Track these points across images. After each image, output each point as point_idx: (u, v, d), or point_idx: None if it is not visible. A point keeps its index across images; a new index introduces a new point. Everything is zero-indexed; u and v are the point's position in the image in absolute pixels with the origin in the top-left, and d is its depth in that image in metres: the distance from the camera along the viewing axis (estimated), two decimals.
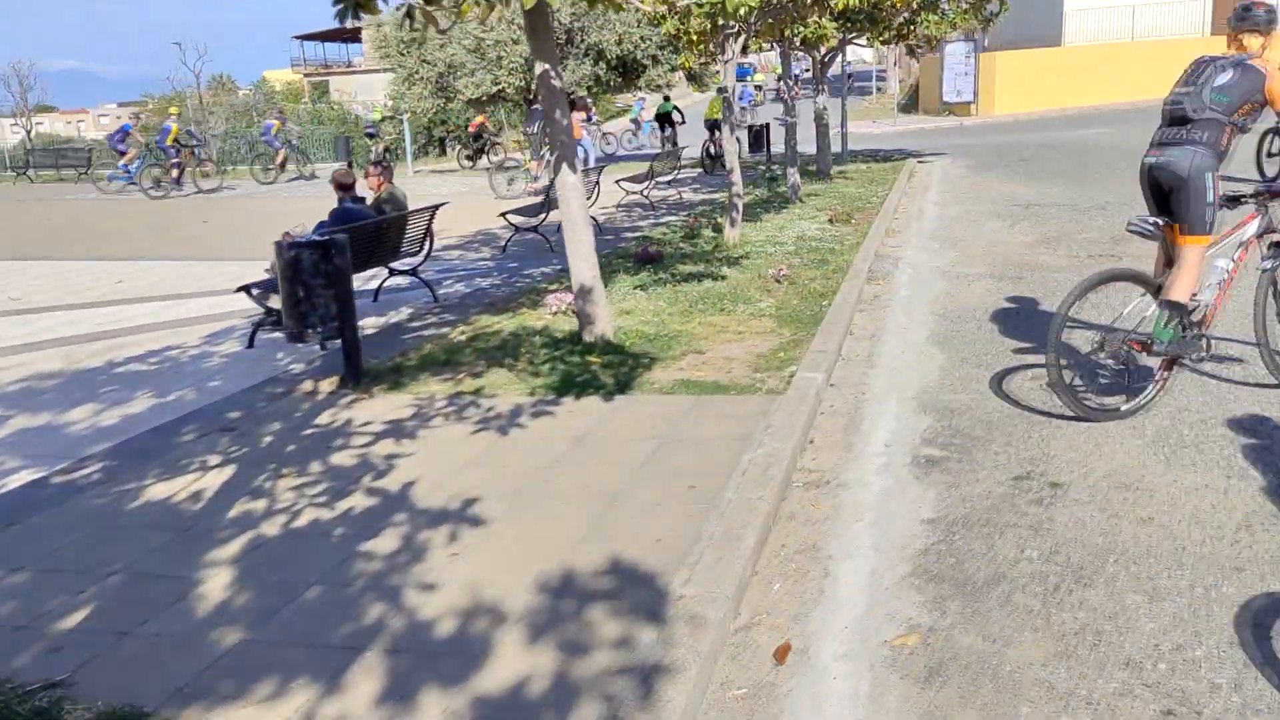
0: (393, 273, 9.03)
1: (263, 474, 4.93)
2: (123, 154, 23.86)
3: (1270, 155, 13.32)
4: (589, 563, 3.72)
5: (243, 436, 5.55)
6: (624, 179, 15.52)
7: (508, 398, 5.98)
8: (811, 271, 9.38)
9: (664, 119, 24.32)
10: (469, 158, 27.26)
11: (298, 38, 62.72)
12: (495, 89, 22.15)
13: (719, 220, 12.50)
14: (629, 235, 12.65)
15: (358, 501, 4.50)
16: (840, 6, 12.78)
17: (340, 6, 5.81)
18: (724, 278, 9.21)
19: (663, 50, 20.76)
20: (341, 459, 5.08)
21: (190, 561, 3.98)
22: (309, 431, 5.57)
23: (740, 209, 11.19)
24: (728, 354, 6.71)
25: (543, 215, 11.71)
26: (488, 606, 3.44)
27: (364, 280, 9.64)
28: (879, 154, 23.34)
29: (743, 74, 64.04)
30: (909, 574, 3.75)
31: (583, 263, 6.95)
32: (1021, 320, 7.46)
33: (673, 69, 22.61)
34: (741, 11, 9.72)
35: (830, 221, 12.62)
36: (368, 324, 8.36)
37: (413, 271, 9.04)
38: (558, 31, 21.79)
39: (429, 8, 6.06)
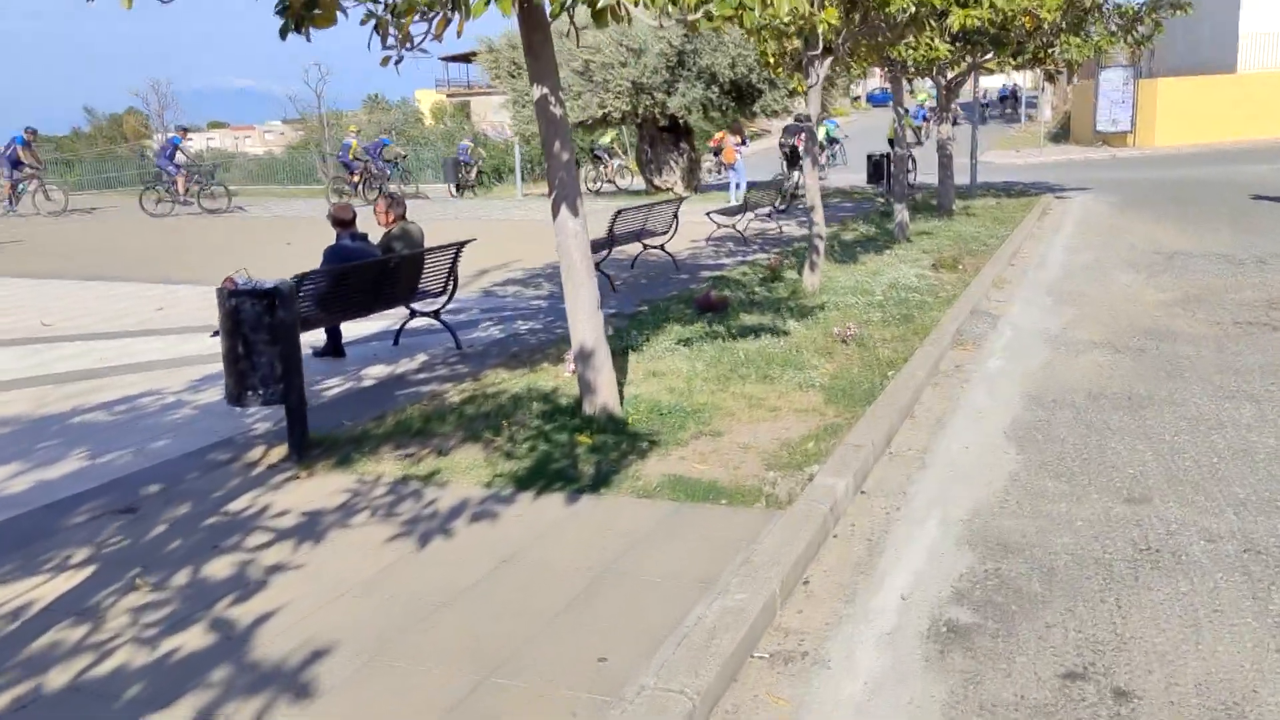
0: (414, 314, 8.14)
1: (116, 583, 4.01)
2: (171, 173, 23.75)
3: None
4: None
5: (137, 523, 4.67)
6: (716, 211, 14.37)
7: (459, 488, 4.93)
8: (888, 330, 8.04)
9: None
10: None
11: (444, 59, 63.93)
12: (601, 112, 21.32)
13: (815, 260, 11.21)
14: (706, 275, 11.50)
15: (189, 640, 3.52)
16: (957, 27, 11.43)
17: (284, 22, 4.95)
18: (786, 334, 7.97)
19: (791, 76, 19.48)
20: (217, 568, 4.12)
21: None
22: (211, 521, 4.65)
23: (821, 252, 9.91)
24: (749, 439, 5.51)
25: (604, 251, 10.69)
26: None
27: (394, 319, 8.82)
28: (1014, 188, 21.50)
29: (886, 99, 62.07)
30: None
31: (584, 322, 5.86)
32: (1130, 414, 5.99)
33: (790, 93, 21.33)
34: (821, 30, 8.52)
35: (934, 267, 11.18)
36: (370, 374, 7.48)
37: (435, 314, 8.12)
38: (669, 54, 20.85)
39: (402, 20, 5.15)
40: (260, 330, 5.26)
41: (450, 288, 8.13)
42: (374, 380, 7.29)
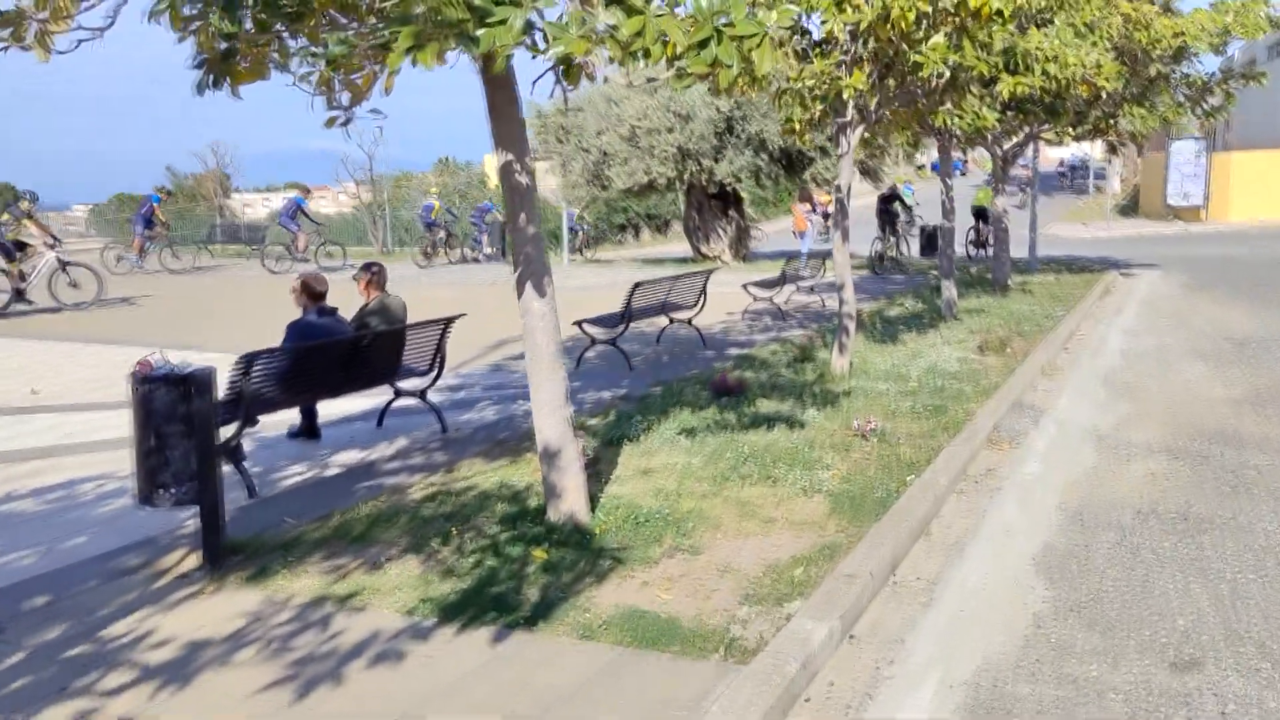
0: (399, 394, 7.53)
1: None
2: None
3: None
4: None
5: None
6: (753, 283, 13.66)
7: (376, 615, 4.23)
8: (917, 423, 7.23)
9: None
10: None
11: None
12: (647, 179, 20.86)
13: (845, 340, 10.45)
14: (733, 352, 10.77)
15: None
16: (1006, 95, 10.70)
17: (200, 78, 4.41)
18: (802, 425, 7.20)
19: (831, 141, 18.89)
20: None
21: None
22: (77, 651, 3.99)
23: (851, 332, 9.13)
24: (731, 558, 4.74)
25: (621, 326, 10.03)
26: None
27: (381, 396, 8.21)
28: (1077, 262, 20.50)
29: (954, 168, 61.16)
30: None
31: (549, 417, 5.17)
32: (1185, 540, 5.10)
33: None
34: (846, 95, 7.85)
35: (979, 349, 10.33)
36: (339, 460, 6.85)
37: (420, 395, 7.50)
38: (716, 120, 20.37)
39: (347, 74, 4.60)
40: (174, 421, 4.66)
41: (437, 366, 7.51)
42: (340, 468, 6.65)
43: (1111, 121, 15.20)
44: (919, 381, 8.71)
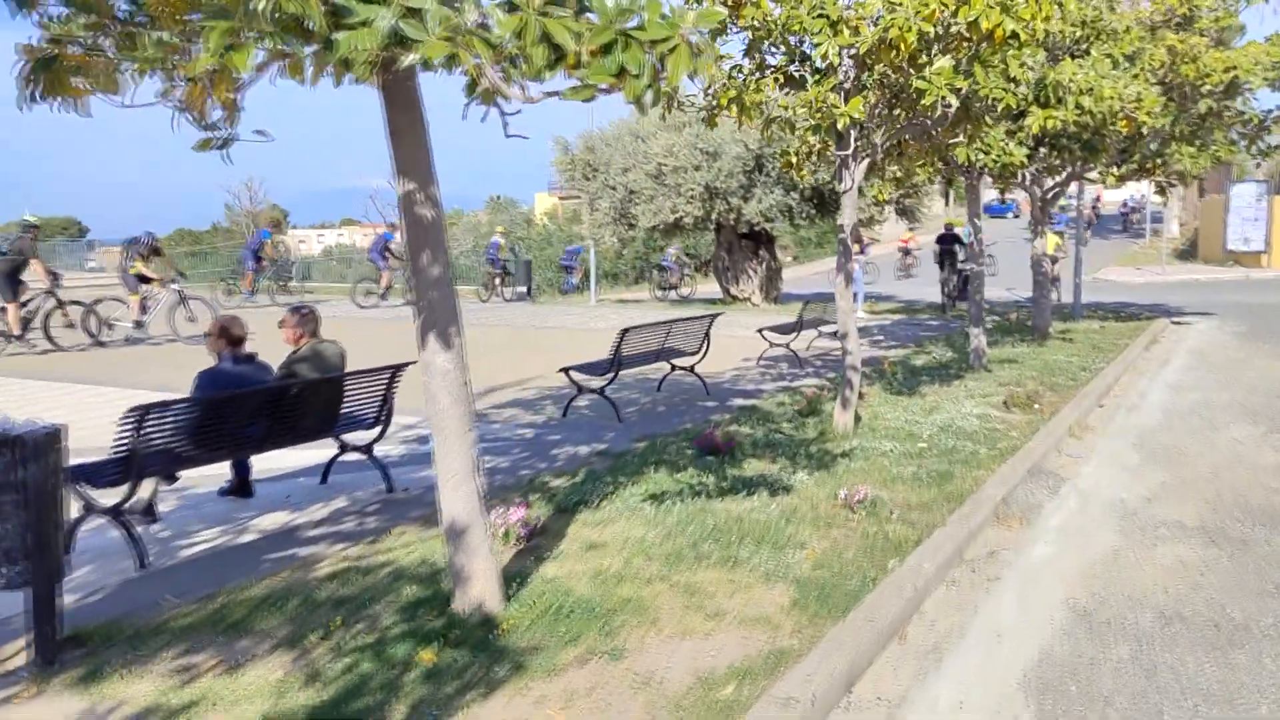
0: (344, 448, 6.84)
1: None
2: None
3: None
4: None
5: None
6: (768, 327, 12.87)
7: None
8: (916, 492, 6.38)
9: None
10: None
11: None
12: (674, 217, 20.18)
13: (863, 391, 9.62)
14: (737, 402, 9.97)
15: None
16: (1036, 129, 9.88)
17: (21, 91, 3.78)
18: (787, 490, 6.40)
19: (868, 181, 18.06)
20: None
21: None
22: None
23: (855, 386, 8.30)
24: (657, 665, 3.95)
25: (610, 374, 9.29)
26: None
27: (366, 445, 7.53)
28: (1126, 309, 19.42)
29: (1000, 211, 59.64)
30: None
31: (454, 491, 4.43)
32: (1215, 657, 4.21)
33: (878, 202, 19.87)
34: (840, 125, 7.11)
35: (1004, 404, 9.44)
36: (261, 524, 6.15)
37: (366, 449, 6.81)
38: (746, 158, 19.67)
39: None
40: (5, 490, 3.99)
41: (384, 419, 6.82)
42: (258, 534, 5.96)
43: (1159, 161, 14.24)
44: (929, 441, 7.85)
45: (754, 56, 7.73)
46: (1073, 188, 18.11)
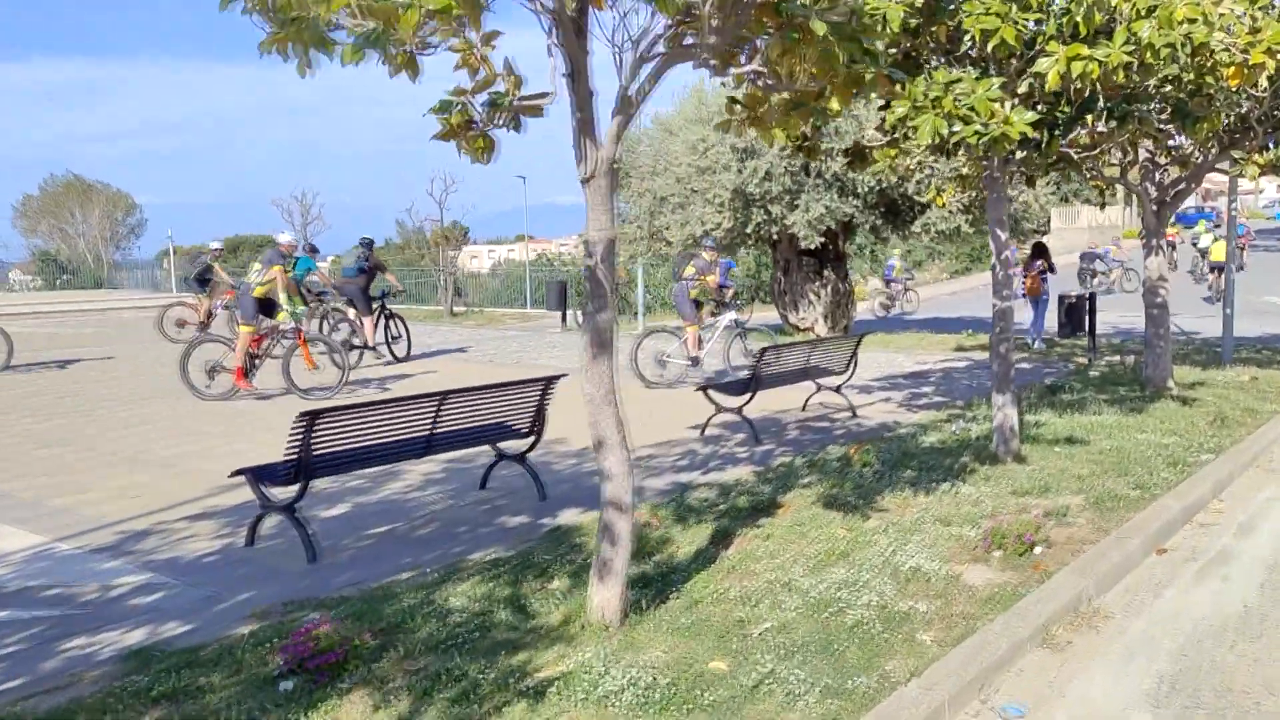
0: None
1: None
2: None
3: None
4: None
5: None
6: (716, 386, 9.11)
7: None
8: None
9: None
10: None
11: None
12: (703, 229, 16.41)
13: (781, 503, 5.80)
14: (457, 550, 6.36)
15: None
16: (1054, 79, 6.03)
17: None
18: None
19: (945, 188, 13.79)
20: None
21: None
22: None
23: (619, 539, 4.59)
24: None
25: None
26: None
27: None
28: None
29: (1191, 221, 52.19)
30: None
31: None
32: None
33: (958, 211, 15.62)
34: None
35: (983, 542, 5.51)
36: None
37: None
38: (789, 159, 15.75)
39: None
40: None
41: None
42: None
43: None
44: (745, 655, 4.08)
45: None
46: (1213, 183, 13.38)
